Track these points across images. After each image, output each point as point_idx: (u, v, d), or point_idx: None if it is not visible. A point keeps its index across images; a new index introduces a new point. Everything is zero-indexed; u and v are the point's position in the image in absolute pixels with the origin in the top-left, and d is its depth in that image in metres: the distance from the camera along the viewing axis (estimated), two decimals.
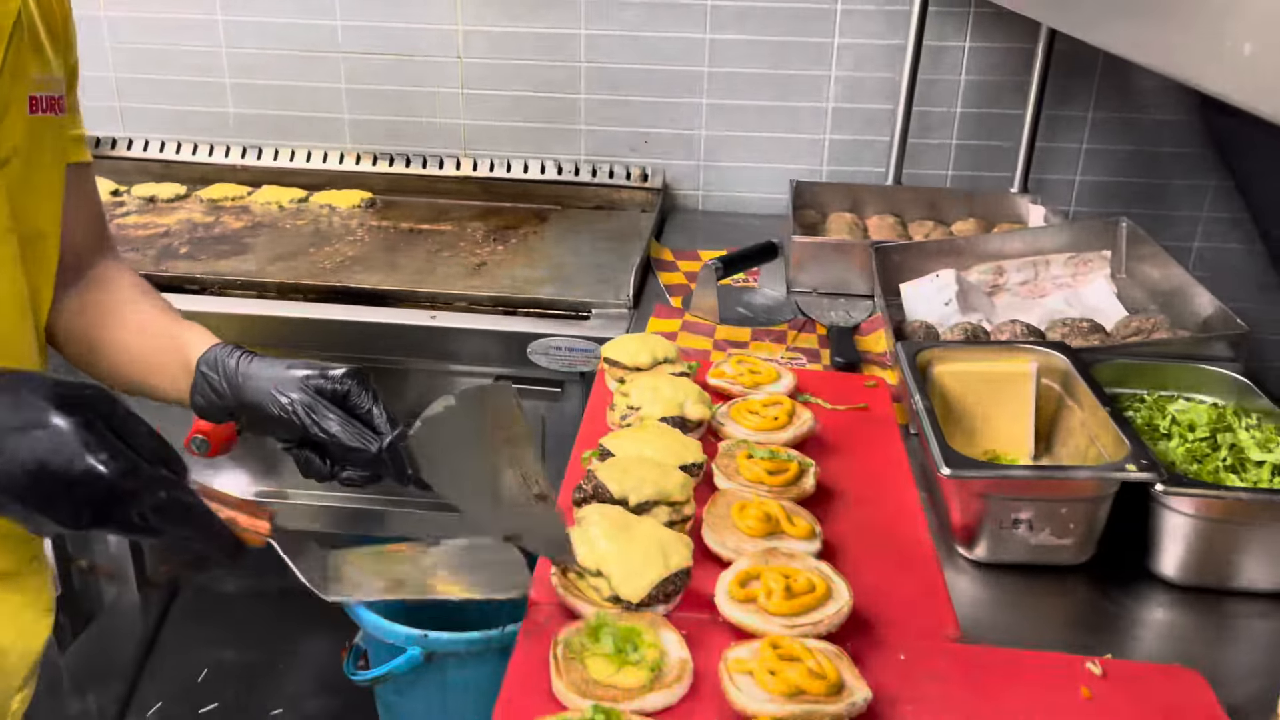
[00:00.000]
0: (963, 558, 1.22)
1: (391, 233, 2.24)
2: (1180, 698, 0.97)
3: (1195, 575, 1.16)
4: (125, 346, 1.22)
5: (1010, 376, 1.41)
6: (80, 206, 1.22)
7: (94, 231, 1.29)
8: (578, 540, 1.07)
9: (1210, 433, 1.25)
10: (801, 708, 0.88)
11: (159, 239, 2.15)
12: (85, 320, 1.23)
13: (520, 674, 0.98)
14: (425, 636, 2.05)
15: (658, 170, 2.49)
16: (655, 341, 1.53)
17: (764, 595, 1.02)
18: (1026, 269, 1.94)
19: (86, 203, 1.26)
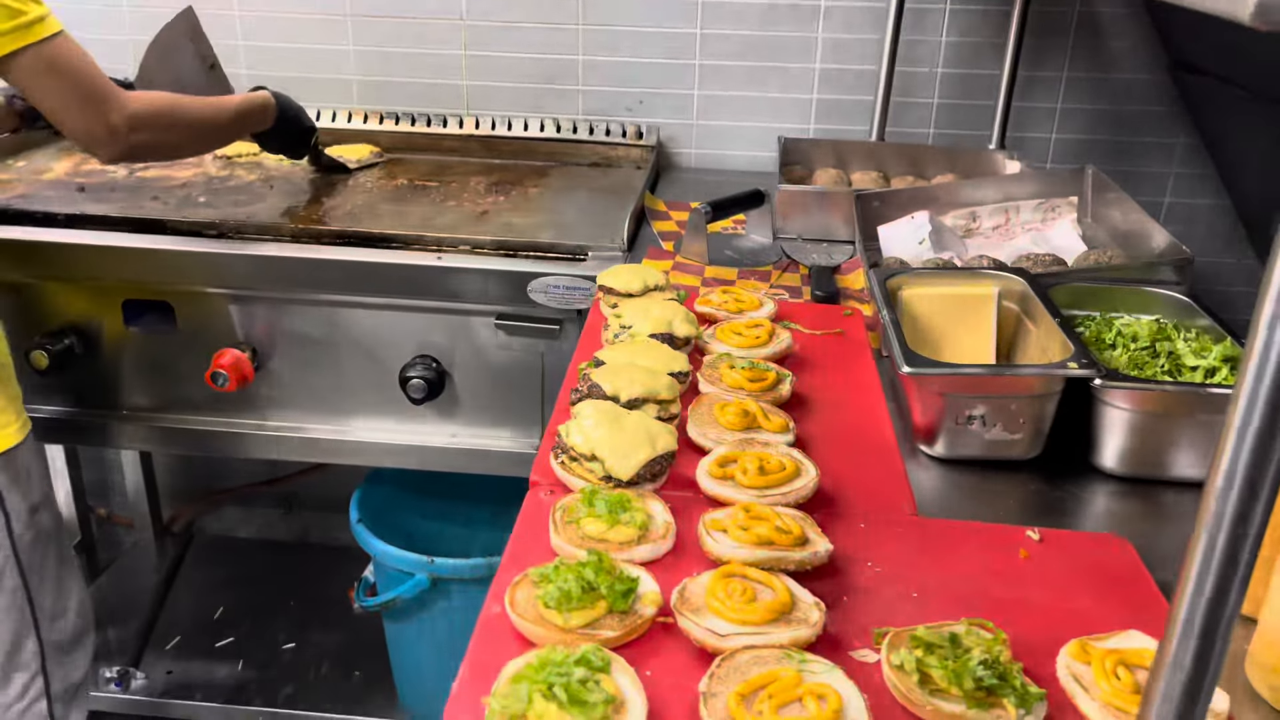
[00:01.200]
0: (924, 454, 1.34)
1: (398, 186, 2.36)
2: (1107, 558, 1.09)
3: (1133, 466, 1.28)
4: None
5: (974, 299, 1.52)
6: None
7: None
8: (573, 430, 1.19)
9: (1151, 343, 1.37)
10: (769, 554, 1.00)
11: (178, 190, 2.26)
12: None
13: (522, 536, 1.10)
14: (432, 562, 2.17)
15: (652, 129, 2.60)
16: (647, 270, 1.65)
17: (740, 473, 1.14)
18: (998, 214, 2.05)
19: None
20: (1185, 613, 0.62)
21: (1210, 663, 0.62)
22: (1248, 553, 0.60)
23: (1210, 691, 0.64)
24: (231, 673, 2.58)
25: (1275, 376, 0.57)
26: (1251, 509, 0.59)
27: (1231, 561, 0.60)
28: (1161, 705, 0.64)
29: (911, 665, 0.87)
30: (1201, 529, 0.60)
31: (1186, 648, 0.62)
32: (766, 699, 0.83)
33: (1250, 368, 0.57)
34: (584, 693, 0.82)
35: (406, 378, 2.01)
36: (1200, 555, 0.61)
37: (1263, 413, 0.57)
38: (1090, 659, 0.90)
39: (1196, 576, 0.61)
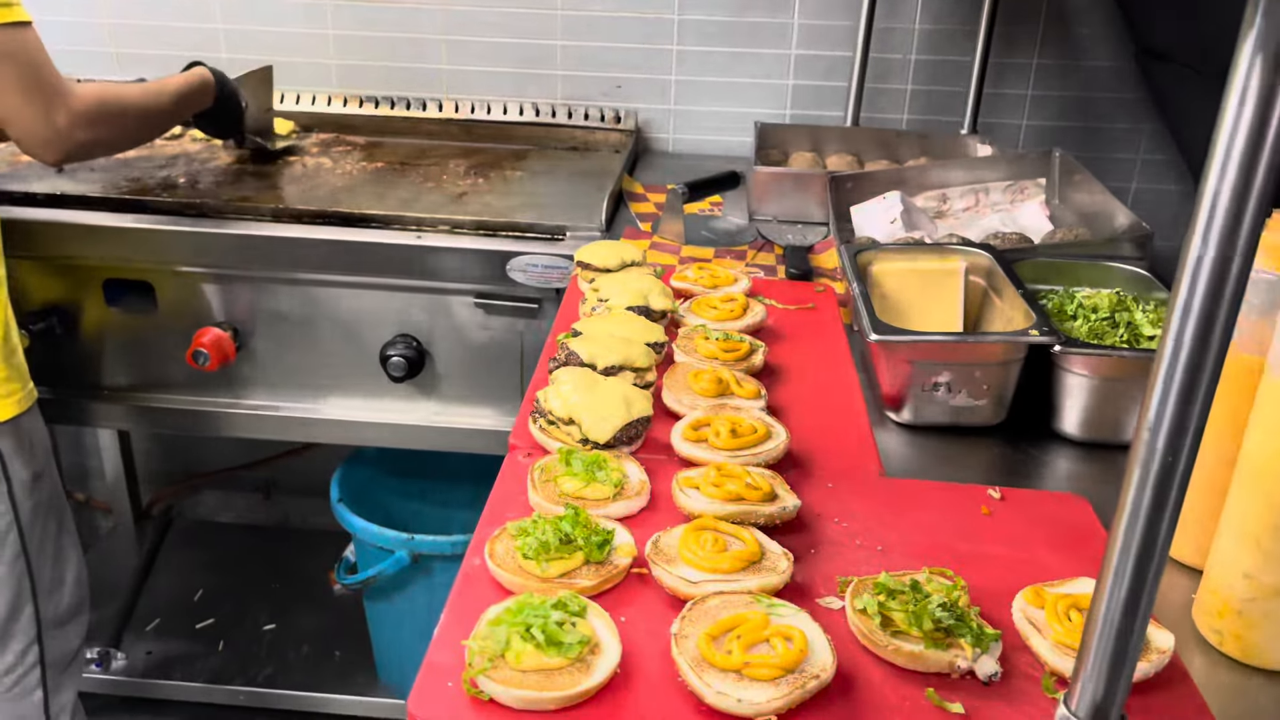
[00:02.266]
0: (892, 421, 1.38)
1: (378, 169, 2.38)
2: (1065, 514, 1.14)
3: (1092, 431, 1.33)
4: None
5: (941, 273, 1.57)
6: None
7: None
8: (551, 396, 1.22)
9: (1110, 314, 1.42)
10: (739, 508, 1.04)
11: (158, 171, 2.27)
12: None
13: (501, 495, 1.13)
14: (412, 539, 2.20)
15: (631, 113, 2.64)
16: (624, 246, 1.68)
17: (713, 435, 1.18)
18: (968, 196, 2.10)
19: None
20: (1122, 539, 0.66)
21: (1146, 582, 0.67)
22: (1175, 488, 0.64)
23: (1147, 611, 0.68)
24: (212, 653, 2.60)
25: (1195, 332, 0.61)
26: (1179, 445, 0.63)
27: (1160, 500, 0.64)
28: (1103, 626, 0.68)
29: (874, 609, 0.91)
30: (1134, 466, 0.65)
31: (1124, 569, 0.66)
32: (735, 639, 0.86)
33: (1171, 326, 0.61)
34: (560, 634, 0.85)
35: (386, 356, 2.04)
36: (1133, 490, 0.65)
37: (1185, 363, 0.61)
38: (1044, 603, 0.94)
39: (1130, 506, 0.65)
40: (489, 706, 0.83)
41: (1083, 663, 0.71)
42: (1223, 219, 0.59)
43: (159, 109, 1.96)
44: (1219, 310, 0.60)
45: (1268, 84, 0.56)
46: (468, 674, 0.84)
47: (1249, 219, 0.58)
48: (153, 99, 1.94)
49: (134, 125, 1.91)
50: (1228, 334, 0.61)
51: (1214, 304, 0.60)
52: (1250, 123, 0.57)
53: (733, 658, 0.84)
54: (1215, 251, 0.59)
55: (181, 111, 2.05)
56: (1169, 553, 1.10)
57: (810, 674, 0.84)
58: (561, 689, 0.83)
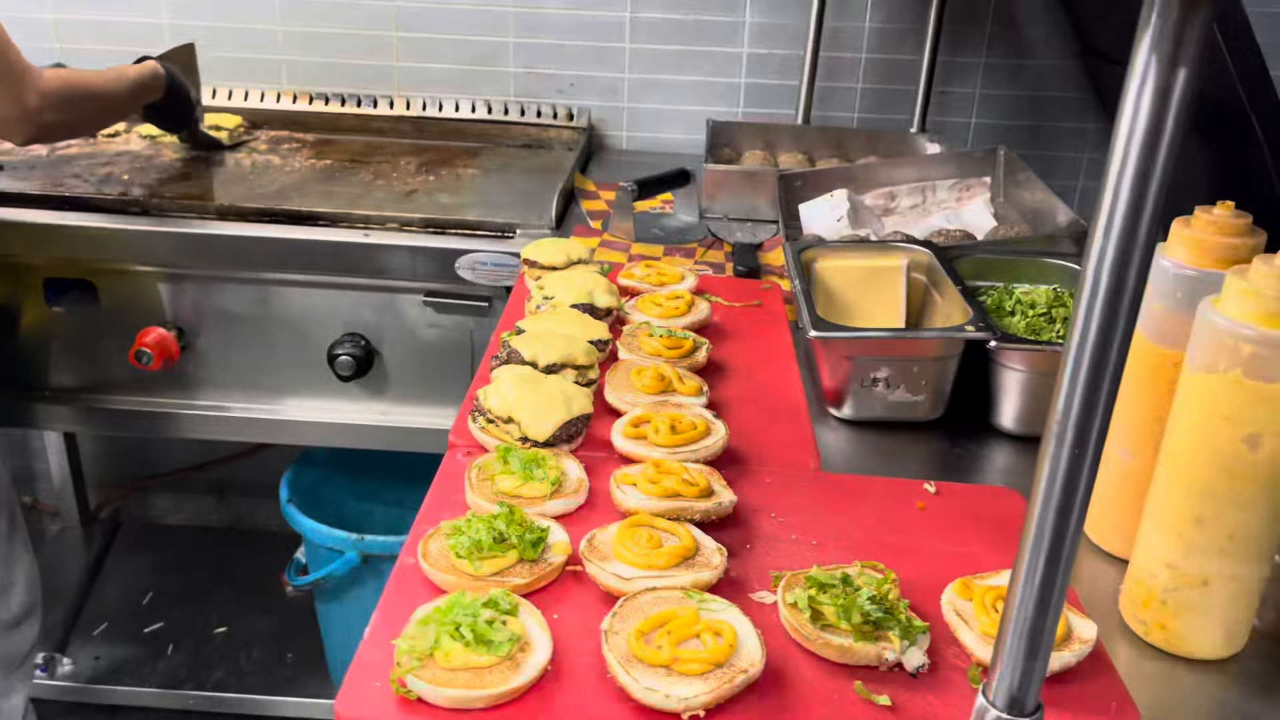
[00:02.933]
0: (833, 417, 1.40)
1: (327, 166, 2.35)
2: (998, 508, 1.15)
3: (1029, 425, 1.35)
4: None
5: (883, 270, 1.58)
6: None
7: None
8: (491, 394, 1.22)
9: (1048, 309, 1.44)
10: (675, 504, 1.04)
11: (100, 167, 2.23)
12: None
13: (438, 494, 1.13)
14: (362, 539, 2.18)
15: (583, 111, 2.63)
16: (571, 244, 1.68)
17: (652, 432, 1.18)
18: (915, 194, 2.12)
19: None
20: (1034, 532, 0.67)
21: (1057, 574, 0.68)
22: (1084, 480, 0.65)
23: (1059, 602, 0.69)
24: (161, 657, 2.57)
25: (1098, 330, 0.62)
26: (1086, 437, 0.64)
27: (1069, 492, 0.65)
28: (1016, 618, 0.69)
29: (804, 603, 0.92)
30: (1044, 460, 0.66)
31: (1036, 561, 0.68)
32: (665, 635, 0.87)
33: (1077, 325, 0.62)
34: (490, 632, 0.85)
35: (334, 355, 2.02)
36: (1043, 484, 0.66)
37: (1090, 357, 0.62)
38: (972, 595, 0.95)
39: (1043, 494, 0.66)
40: (417, 706, 0.83)
41: (999, 654, 0.72)
42: (1123, 213, 0.60)
43: (118, 95, 1.98)
44: (1121, 304, 0.61)
45: (1163, 83, 0.57)
46: (395, 673, 0.84)
47: (1148, 212, 0.59)
48: (113, 85, 1.96)
49: (96, 109, 1.94)
50: (1130, 327, 0.62)
51: (1116, 298, 0.61)
52: (1147, 121, 0.58)
53: (662, 653, 0.85)
54: (1116, 246, 0.61)
55: (136, 100, 2.06)
56: (1096, 543, 1.12)
57: (739, 668, 0.85)
58: (490, 687, 0.82)
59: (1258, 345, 0.86)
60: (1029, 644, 0.70)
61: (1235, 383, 0.88)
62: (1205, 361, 0.90)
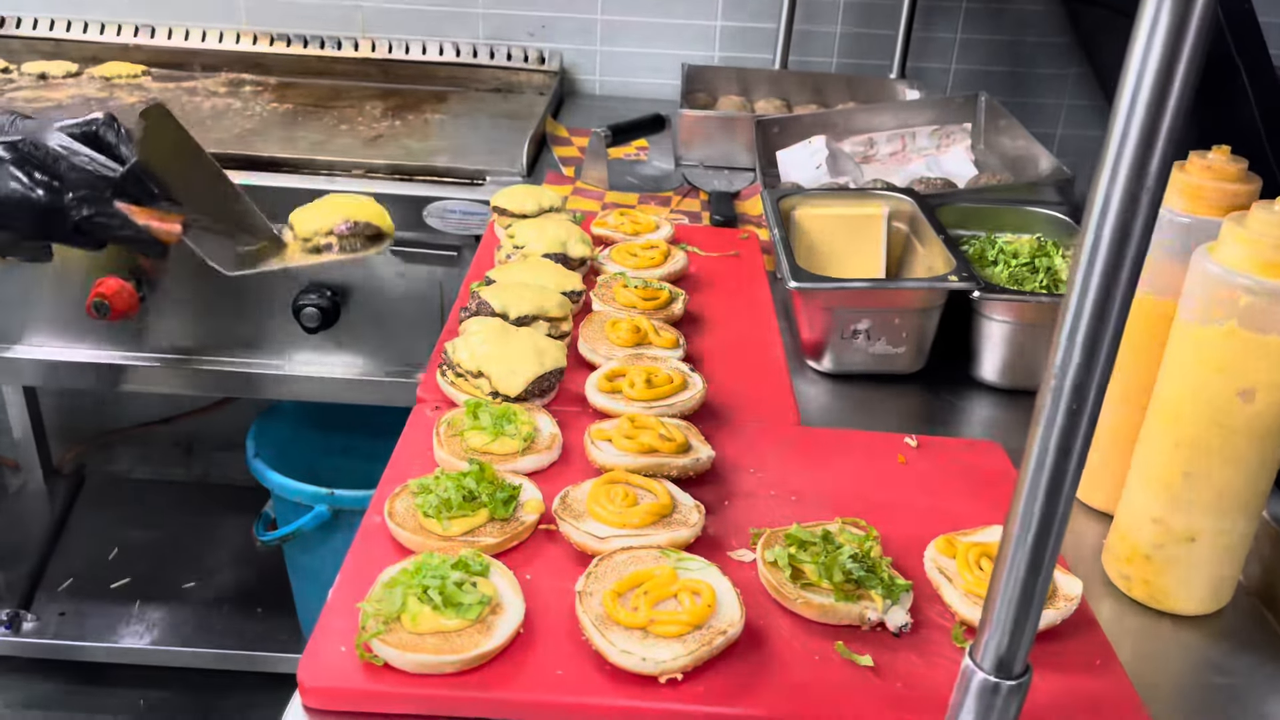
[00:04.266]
0: (812, 370, 1.36)
1: (289, 111, 2.27)
2: (980, 461, 1.13)
3: (1011, 378, 1.32)
4: None
5: (864, 219, 1.54)
6: None
7: None
8: (460, 347, 1.17)
9: (1031, 259, 1.41)
10: (652, 460, 1.01)
11: (51, 111, 2.14)
12: None
13: (406, 451, 1.09)
14: (331, 494, 2.14)
15: (555, 54, 2.56)
16: (542, 191, 1.62)
17: (628, 386, 1.15)
18: (895, 140, 2.07)
19: None
20: (1027, 490, 0.64)
21: (1050, 535, 0.65)
22: (1081, 436, 0.62)
23: (1050, 563, 0.66)
24: (128, 613, 2.53)
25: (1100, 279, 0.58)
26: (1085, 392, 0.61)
27: (1065, 448, 0.62)
28: (1008, 579, 0.67)
29: (784, 561, 0.89)
30: (1040, 414, 0.62)
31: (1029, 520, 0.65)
32: (642, 595, 0.84)
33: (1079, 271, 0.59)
34: (459, 595, 0.82)
35: (299, 306, 1.96)
36: (1038, 440, 0.63)
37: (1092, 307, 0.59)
38: (955, 552, 0.93)
39: (1036, 456, 0.63)
40: (383, 671, 0.79)
41: (988, 616, 0.69)
42: (1131, 155, 0.56)
43: None
44: (1126, 251, 0.58)
45: (1178, 16, 0.53)
46: (361, 638, 0.80)
47: (1157, 156, 0.56)
48: None
49: None
50: (1135, 276, 0.59)
51: (1121, 245, 0.58)
52: (1160, 57, 0.54)
53: (638, 615, 0.82)
54: (1122, 189, 0.57)
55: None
56: (1080, 498, 1.10)
57: (718, 629, 0.82)
58: (459, 652, 0.79)
59: (1255, 295, 0.83)
60: (1019, 607, 0.67)
61: (1230, 334, 0.85)
62: (1199, 311, 0.87)
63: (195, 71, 2.49)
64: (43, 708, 2.47)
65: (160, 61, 2.49)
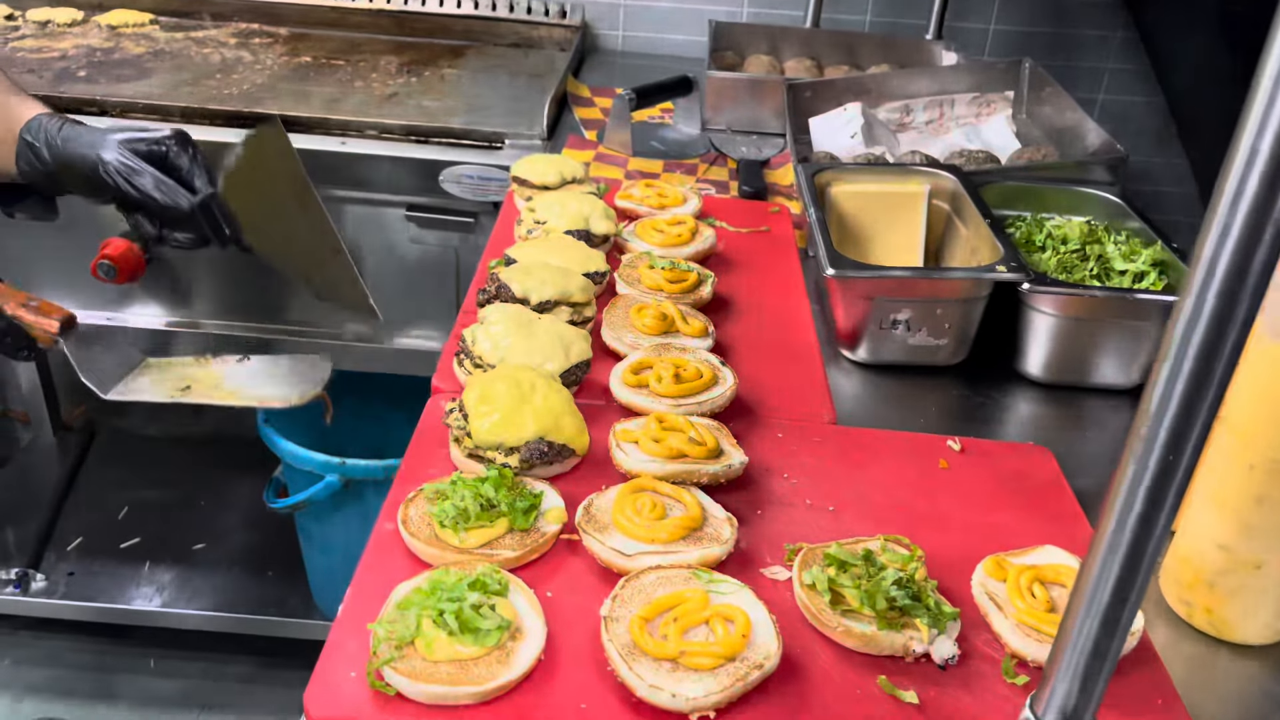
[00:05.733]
0: (846, 359, 1.30)
1: (301, 64, 2.19)
2: (1027, 468, 1.07)
3: (1056, 373, 1.25)
4: None
5: (903, 197, 1.46)
6: None
7: None
8: (480, 336, 1.11)
9: (1081, 245, 1.33)
10: (681, 467, 0.95)
11: (55, 62, 2.07)
12: None
13: (420, 449, 1.03)
14: (343, 464, 2.10)
15: (577, 7, 2.46)
16: (564, 161, 1.54)
17: (655, 380, 1.08)
18: (932, 108, 1.98)
19: None
20: (1109, 539, 0.58)
21: (1133, 591, 0.59)
22: (1174, 490, 0.56)
23: (1130, 620, 0.60)
24: (138, 574, 2.50)
25: (1217, 296, 0.51)
26: (1184, 440, 0.54)
27: (1155, 502, 0.56)
28: (1080, 630, 0.61)
29: (824, 584, 0.83)
30: (1128, 462, 0.56)
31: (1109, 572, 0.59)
32: (671, 622, 0.78)
33: (1194, 285, 0.52)
34: (477, 619, 0.76)
35: None
36: (1124, 490, 0.56)
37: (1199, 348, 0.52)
38: (1005, 576, 0.87)
39: (1123, 502, 0.57)
40: (395, 702, 0.74)
41: (1054, 665, 0.63)
42: (1257, 184, 0.49)
43: None
44: (1243, 289, 0.51)
45: None
46: (372, 664, 0.75)
47: None
48: None
49: None
50: (1253, 313, 0.51)
51: (1238, 281, 0.51)
52: None
53: (668, 644, 0.76)
54: (1244, 221, 0.50)
55: None
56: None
57: (753, 662, 0.76)
58: (477, 683, 0.74)
59: None
60: (1089, 663, 0.62)
61: None
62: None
63: (204, 21, 2.40)
64: (51, 667, 2.46)
65: (168, 9, 2.40)
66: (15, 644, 2.49)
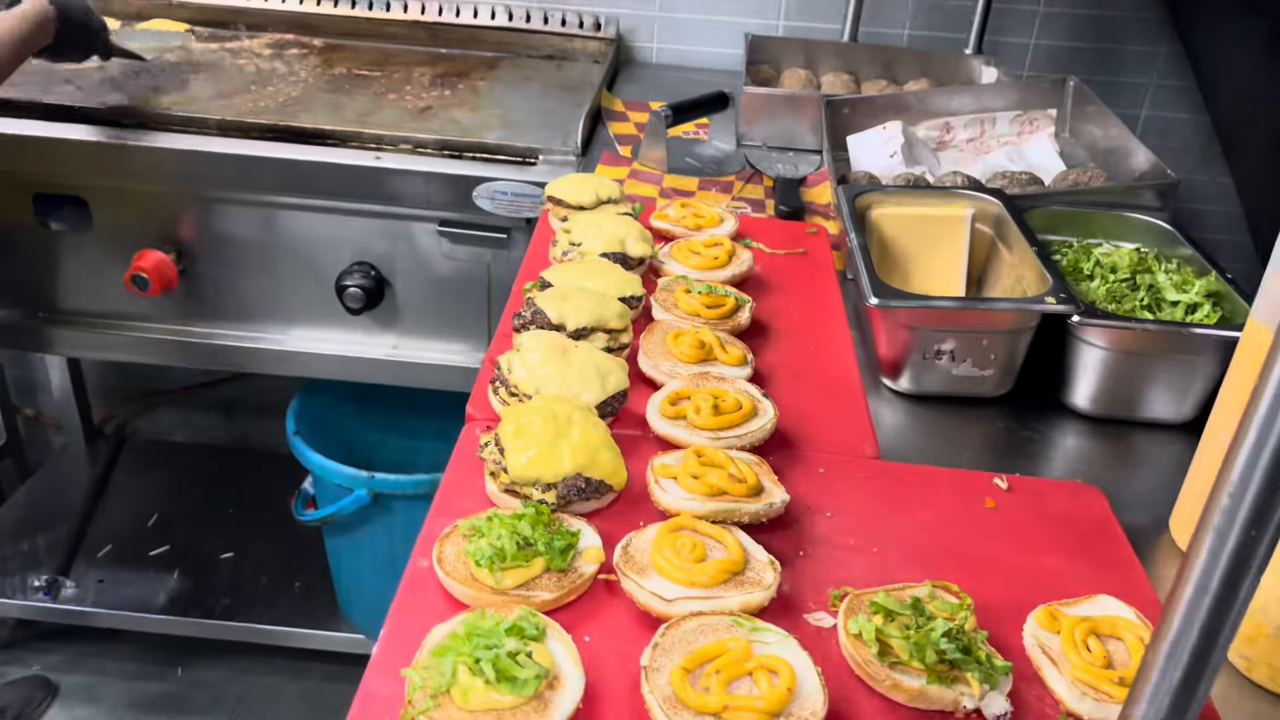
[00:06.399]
0: (887, 389, 1.27)
1: (335, 76, 2.18)
2: (1077, 508, 1.04)
3: (1105, 406, 1.22)
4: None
5: (946, 221, 1.43)
6: None
7: None
8: (515, 364, 1.09)
9: (1131, 274, 1.30)
10: (722, 505, 0.92)
11: (94, 72, 2.07)
12: None
13: (455, 479, 1.01)
14: (372, 477, 2.09)
15: (611, 20, 2.44)
16: (599, 181, 1.53)
17: (693, 411, 1.06)
18: (973, 126, 1.95)
19: None
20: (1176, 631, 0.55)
21: (1206, 671, 0.56)
22: (1253, 570, 0.53)
23: (1206, 691, 0.57)
24: (166, 582, 2.51)
25: None
26: (1268, 514, 0.51)
27: (1233, 582, 0.53)
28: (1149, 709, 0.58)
29: (870, 635, 0.81)
30: (1204, 539, 0.53)
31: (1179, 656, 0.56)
32: (714, 674, 0.76)
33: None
34: (514, 668, 0.74)
35: (343, 286, 1.89)
36: (1200, 566, 0.54)
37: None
38: (1059, 628, 0.84)
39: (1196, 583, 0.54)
40: None
41: None
42: None
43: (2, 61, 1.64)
44: None
45: None
46: (407, 713, 0.73)
47: None
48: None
49: None
50: None
51: None
52: None
53: (711, 698, 0.74)
54: None
55: (20, 58, 1.71)
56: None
57: (798, 718, 0.74)
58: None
59: None
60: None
61: None
62: None
63: (240, 31, 2.40)
64: (79, 673, 2.46)
65: (205, 19, 2.41)
66: (45, 649, 2.50)
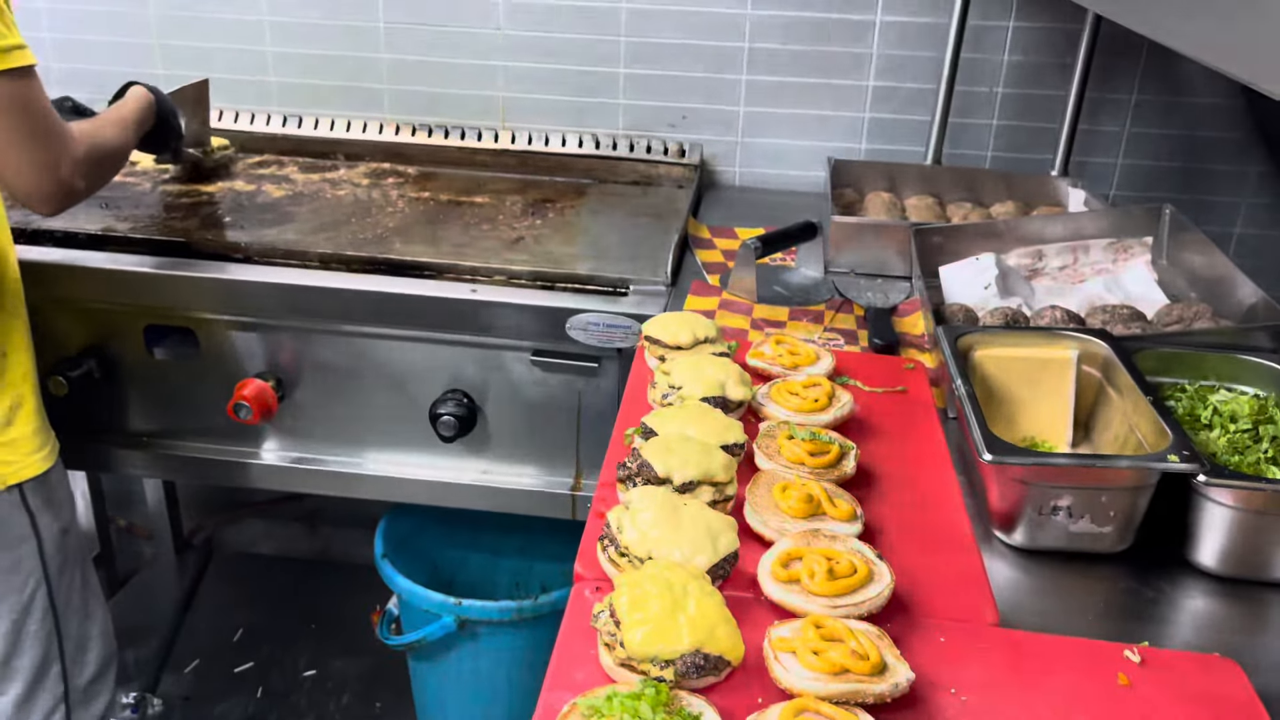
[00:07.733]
0: (1001, 542, 1.23)
1: (430, 205, 2.26)
2: (1217, 687, 0.98)
3: (1234, 566, 1.17)
4: None
5: (1051, 363, 1.41)
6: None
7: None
8: (626, 525, 1.08)
9: (1252, 424, 1.26)
10: (847, 686, 0.90)
11: (203, 207, 2.17)
12: None
13: (568, 646, 1.00)
14: (459, 604, 2.09)
15: (695, 146, 2.49)
16: (696, 320, 1.54)
17: (807, 576, 1.04)
18: (1066, 254, 1.93)
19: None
20: None
21: None
22: None
23: None
24: (250, 700, 2.51)
25: None
26: None
27: None
28: None
29: None
30: None
31: None
32: None
33: None
34: None
35: (437, 414, 1.92)
36: None
37: None
38: None
39: None
40: None
41: None
42: None
43: (127, 146, 1.86)
44: None
45: None
46: None
47: None
48: (123, 137, 1.83)
49: (113, 166, 1.79)
50: None
51: None
52: None
53: None
54: None
55: (136, 141, 1.93)
56: None
57: None
58: None
59: None
60: None
61: None
62: None
63: (338, 160, 2.51)
64: None
65: (306, 150, 2.52)
66: None
